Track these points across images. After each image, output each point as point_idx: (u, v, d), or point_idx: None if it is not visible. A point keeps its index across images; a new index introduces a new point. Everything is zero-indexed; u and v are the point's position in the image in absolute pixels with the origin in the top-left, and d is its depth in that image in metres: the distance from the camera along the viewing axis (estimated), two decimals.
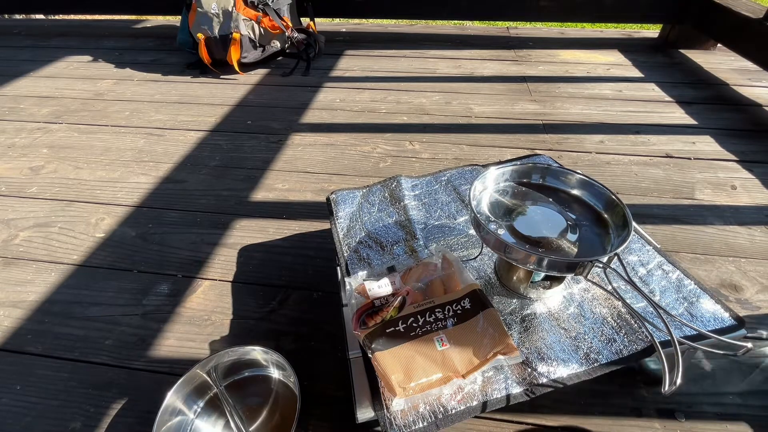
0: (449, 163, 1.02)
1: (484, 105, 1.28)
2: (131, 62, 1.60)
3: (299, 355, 0.61)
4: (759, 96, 1.30)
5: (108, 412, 0.56)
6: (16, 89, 1.42)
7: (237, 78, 1.47)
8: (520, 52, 1.65)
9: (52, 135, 1.16)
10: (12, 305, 0.70)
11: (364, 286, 0.46)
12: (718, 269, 0.74)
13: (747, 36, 1.34)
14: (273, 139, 1.13)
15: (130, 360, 0.62)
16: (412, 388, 0.41)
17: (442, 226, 0.60)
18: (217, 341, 0.64)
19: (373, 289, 0.46)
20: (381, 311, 0.44)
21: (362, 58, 1.63)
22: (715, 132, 1.13)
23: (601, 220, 0.47)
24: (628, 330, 0.45)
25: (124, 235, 0.83)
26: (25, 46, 1.76)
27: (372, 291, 0.46)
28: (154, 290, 0.72)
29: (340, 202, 0.65)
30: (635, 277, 0.51)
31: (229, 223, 0.86)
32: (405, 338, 0.43)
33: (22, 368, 0.61)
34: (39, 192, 0.95)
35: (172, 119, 1.23)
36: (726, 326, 0.45)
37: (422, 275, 0.49)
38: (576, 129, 1.16)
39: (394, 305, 0.44)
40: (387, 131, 1.16)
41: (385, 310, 0.44)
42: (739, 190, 0.93)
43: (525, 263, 0.42)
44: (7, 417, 0.56)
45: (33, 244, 0.81)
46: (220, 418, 0.54)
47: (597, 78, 1.45)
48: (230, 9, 1.41)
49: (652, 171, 0.99)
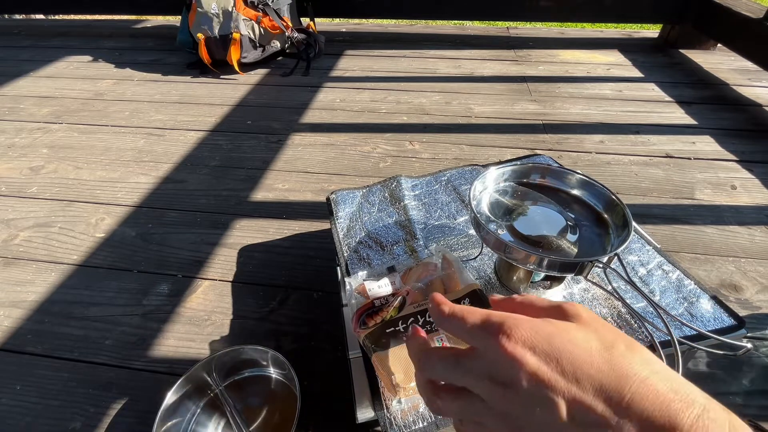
0: (449, 163, 1.02)
1: (484, 105, 1.28)
2: (131, 62, 1.60)
3: (299, 355, 0.61)
4: (759, 96, 1.30)
5: (108, 412, 0.56)
6: (16, 89, 1.42)
7: (237, 78, 1.47)
8: (520, 52, 1.65)
9: (52, 135, 1.16)
10: (12, 305, 0.70)
11: (364, 286, 0.46)
12: (718, 269, 0.74)
13: (747, 36, 1.34)
14: (273, 139, 1.13)
15: (130, 360, 0.62)
16: (412, 388, 0.41)
17: (442, 226, 0.60)
18: (217, 341, 0.64)
19: (373, 289, 0.45)
20: (381, 311, 0.44)
21: (362, 58, 1.63)
22: (715, 132, 1.13)
23: (601, 220, 0.47)
24: (628, 330, 0.45)
25: (124, 235, 0.83)
26: (25, 46, 1.76)
27: (372, 291, 0.45)
28: (154, 290, 0.72)
29: (340, 202, 0.65)
30: (635, 277, 0.51)
31: (229, 223, 0.86)
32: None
33: (22, 368, 0.61)
34: (39, 192, 0.95)
35: (172, 119, 1.23)
36: (726, 326, 0.45)
37: (422, 275, 0.49)
38: (576, 129, 1.16)
39: (394, 305, 0.44)
40: (387, 131, 1.16)
41: (385, 310, 0.44)
42: (739, 190, 0.93)
43: (525, 263, 0.42)
44: (7, 417, 0.56)
45: (33, 244, 0.81)
46: (220, 418, 0.54)
47: (597, 78, 1.45)
48: (230, 9, 1.41)
49: (652, 171, 0.99)
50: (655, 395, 0.20)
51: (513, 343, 0.23)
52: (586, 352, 0.22)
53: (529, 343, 0.23)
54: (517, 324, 0.24)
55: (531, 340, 0.23)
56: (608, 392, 0.21)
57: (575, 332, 0.24)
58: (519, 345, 0.23)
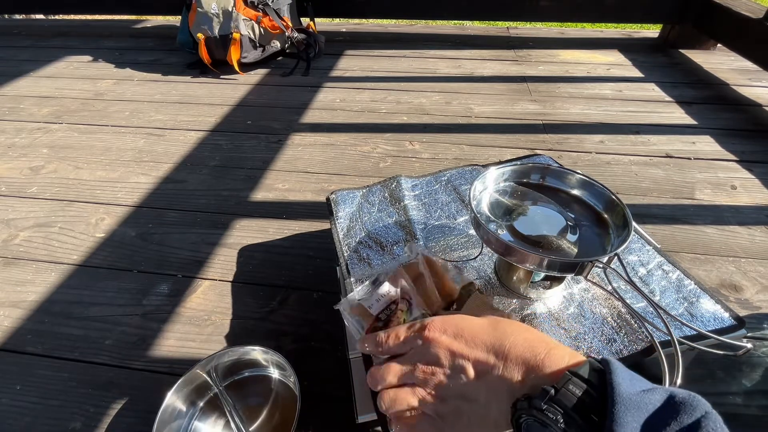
0: (449, 163, 1.02)
1: (484, 105, 1.28)
2: (131, 62, 1.60)
3: (299, 355, 0.61)
4: (759, 96, 1.30)
5: (108, 412, 0.56)
6: (16, 89, 1.42)
7: (237, 78, 1.47)
8: (520, 52, 1.65)
9: (52, 135, 1.16)
10: (12, 305, 0.70)
11: (362, 307, 0.43)
12: (718, 269, 0.74)
13: (747, 36, 1.34)
14: (273, 139, 1.13)
15: (130, 360, 0.62)
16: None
17: (442, 226, 0.60)
18: (217, 341, 0.64)
19: (374, 305, 0.43)
20: (390, 322, 0.42)
21: (362, 58, 1.63)
22: (715, 132, 1.13)
23: (601, 220, 0.47)
24: (628, 330, 0.45)
25: (124, 235, 0.83)
26: (25, 46, 1.76)
27: (373, 308, 0.43)
28: (154, 290, 0.72)
29: (339, 202, 0.65)
30: (635, 277, 0.51)
31: (229, 223, 0.86)
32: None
33: (22, 368, 0.61)
34: (39, 192, 0.95)
35: (172, 119, 1.23)
36: (726, 326, 0.45)
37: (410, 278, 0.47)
38: (576, 129, 1.16)
39: (403, 310, 0.42)
40: (387, 131, 1.16)
41: (394, 320, 0.42)
42: (739, 190, 0.93)
43: (525, 263, 0.42)
44: (7, 417, 0.56)
45: (33, 244, 0.81)
46: (220, 418, 0.54)
47: (597, 78, 1.45)
48: (230, 9, 1.41)
49: (652, 171, 0.99)
50: (524, 342, 0.31)
51: (431, 332, 0.34)
52: (480, 326, 0.34)
53: (441, 329, 0.34)
54: (433, 319, 0.35)
55: (443, 326, 0.34)
56: (495, 348, 0.32)
57: (467, 317, 0.36)
58: (436, 331, 0.34)
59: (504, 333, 0.32)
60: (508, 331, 0.33)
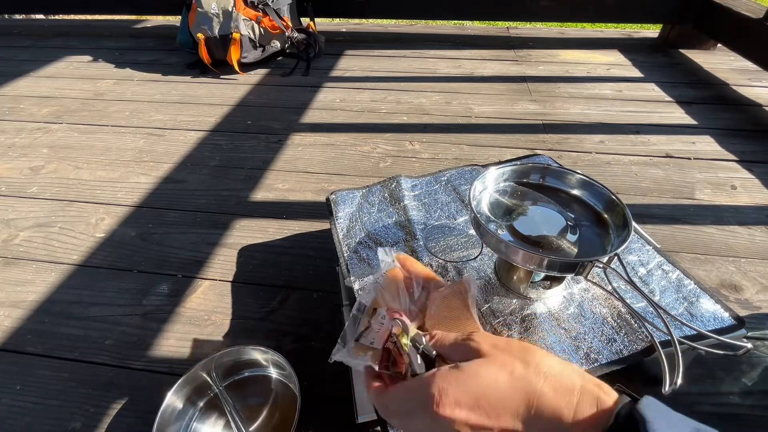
0: (449, 163, 1.02)
1: (484, 105, 1.28)
2: (131, 62, 1.60)
3: (299, 355, 0.61)
4: (759, 96, 1.30)
5: (108, 412, 0.56)
6: (16, 89, 1.42)
7: (237, 78, 1.47)
8: (520, 52, 1.65)
9: (52, 135, 1.16)
10: (12, 305, 0.70)
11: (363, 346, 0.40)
12: (718, 269, 0.74)
13: (747, 36, 1.34)
14: (273, 139, 1.13)
15: (130, 360, 0.62)
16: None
17: (442, 226, 0.60)
18: (217, 341, 0.64)
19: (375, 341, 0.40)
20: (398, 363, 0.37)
21: (362, 58, 1.63)
22: (715, 132, 1.13)
23: (601, 220, 0.47)
24: (628, 330, 0.45)
25: (124, 235, 0.83)
26: (25, 46, 1.76)
27: (375, 342, 0.39)
28: (154, 290, 0.72)
29: (339, 202, 0.65)
30: (635, 277, 0.51)
31: (229, 223, 0.86)
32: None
33: (22, 368, 0.61)
34: (39, 192, 0.95)
35: (172, 119, 1.23)
36: (726, 326, 0.45)
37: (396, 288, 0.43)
38: (576, 129, 1.16)
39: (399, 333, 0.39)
40: (387, 131, 1.16)
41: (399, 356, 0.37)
42: (739, 190, 0.93)
43: (525, 263, 0.42)
44: (7, 417, 0.56)
45: (33, 244, 0.81)
46: (220, 418, 0.54)
47: (597, 78, 1.45)
48: (230, 9, 1.41)
49: (652, 171, 0.99)
50: (550, 401, 0.28)
51: (445, 409, 0.29)
52: (495, 388, 0.29)
53: (455, 402, 0.29)
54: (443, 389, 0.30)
55: (456, 398, 0.30)
56: (520, 413, 0.29)
57: (483, 372, 0.30)
58: (448, 407, 0.29)
59: (526, 390, 0.29)
60: (531, 384, 0.29)
